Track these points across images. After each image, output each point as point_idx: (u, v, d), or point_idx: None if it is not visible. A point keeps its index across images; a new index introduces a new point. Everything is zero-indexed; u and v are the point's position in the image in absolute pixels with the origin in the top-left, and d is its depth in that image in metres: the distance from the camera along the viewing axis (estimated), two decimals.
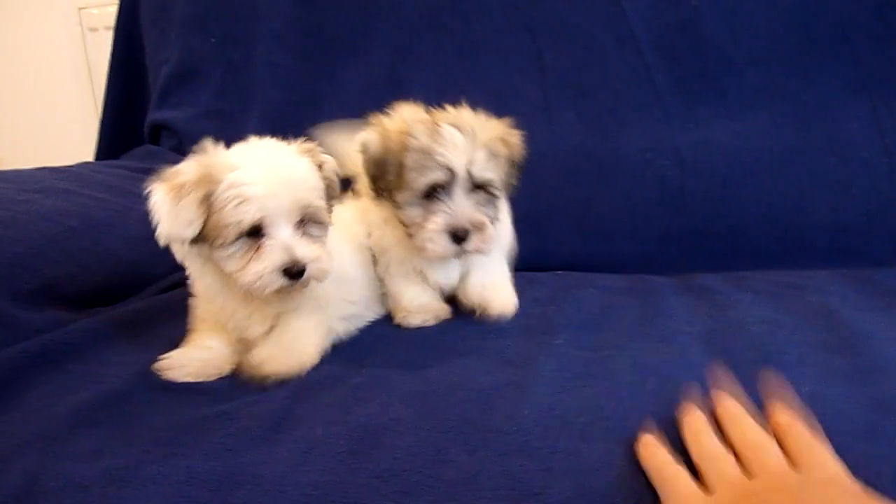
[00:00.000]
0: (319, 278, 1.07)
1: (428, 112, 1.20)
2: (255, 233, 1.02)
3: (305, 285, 1.06)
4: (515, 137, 1.23)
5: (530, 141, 1.66)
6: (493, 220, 1.18)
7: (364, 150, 1.19)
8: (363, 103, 1.79)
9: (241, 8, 1.92)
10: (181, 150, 1.95)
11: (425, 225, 1.14)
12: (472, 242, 1.13)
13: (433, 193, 1.13)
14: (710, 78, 1.64)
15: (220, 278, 1.09)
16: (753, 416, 0.80)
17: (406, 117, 1.18)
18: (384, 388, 0.99)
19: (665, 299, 1.34)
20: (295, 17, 1.88)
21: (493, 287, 1.28)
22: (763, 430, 0.79)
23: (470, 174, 1.12)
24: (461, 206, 1.12)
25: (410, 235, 1.18)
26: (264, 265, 1.01)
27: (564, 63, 1.71)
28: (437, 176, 1.11)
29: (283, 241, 1.02)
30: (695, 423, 0.83)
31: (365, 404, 0.94)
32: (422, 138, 1.12)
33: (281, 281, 1.02)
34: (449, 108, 1.20)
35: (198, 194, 0.99)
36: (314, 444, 0.86)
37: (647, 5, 1.66)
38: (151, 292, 1.46)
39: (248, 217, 0.99)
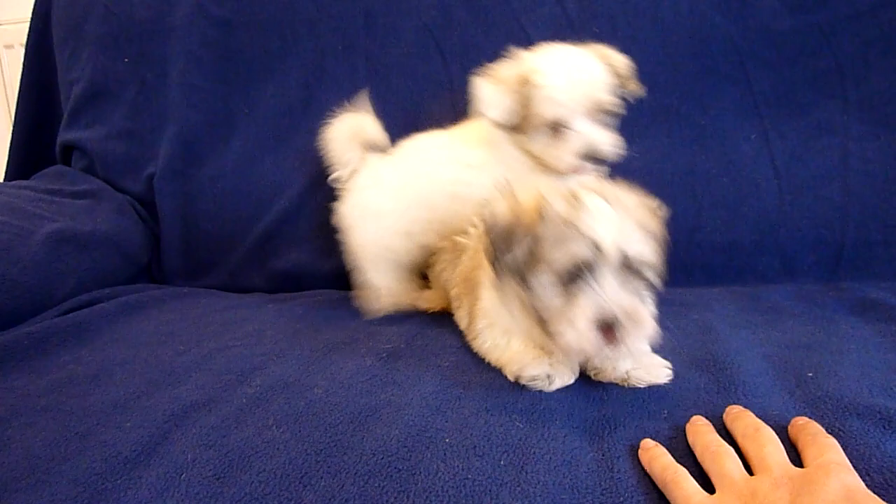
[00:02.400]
0: None
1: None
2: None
3: None
4: (661, 212, 1.04)
5: None
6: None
7: (489, 220, 1.02)
8: (279, 125, 1.84)
9: (155, 28, 1.90)
10: (92, 171, 1.92)
11: (568, 314, 0.92)
12: (626, 338, 0.90)
13: (576, 275, 0.92)
14: None
15: None
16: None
17: (540, 189, 0.99)
18: (267, 410, 1.00)
19: None
20: (211, 39, 1.87)
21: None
22: (766, 428, 0.82)
23: (622, 252, 0.91)
24: (612, 292, 0.91)
25: (543, 324, 0.98)
26: None
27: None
28: (581, 252, 0.91)
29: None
30: (699, 423, 0.87)
31: (244, 427, 0.95)
32: (561, 207, 0.94)
33: None
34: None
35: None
36: (183, 468, 0.85)
37: (551, 31, 1.71)
38: (50, 316, 1.43)
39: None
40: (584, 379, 1.06)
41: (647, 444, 0.84)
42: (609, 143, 1.29)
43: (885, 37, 1.62)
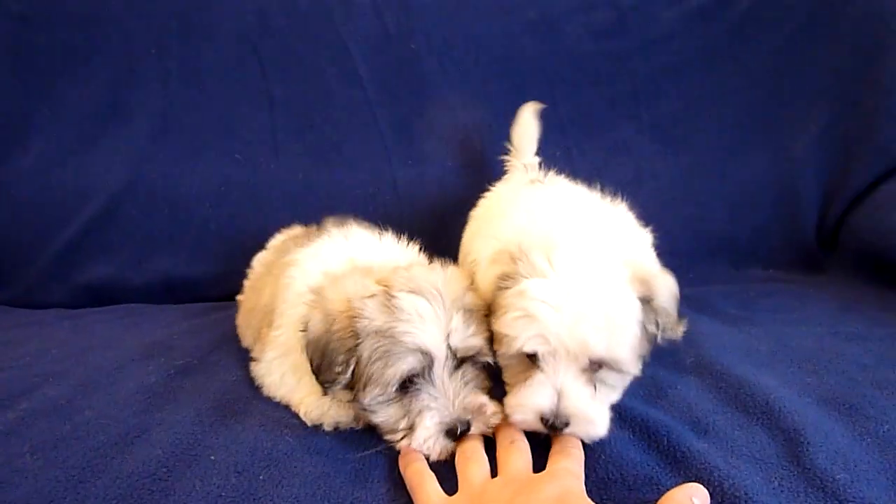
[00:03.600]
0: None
1: (375, 276, 0.94)
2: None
3: None
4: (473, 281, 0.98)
5: (256, 170, 1.71)
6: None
7: (304, 331, 0.92)
8: (84, 127, 1.73)
9: None
10: None
11: (415, 430, 0.87)
12: (475, 433, 0.89)
13: (408, 385, 0.87)
14: (427, 117, 1.75)
15: None
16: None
17: (350, 292, 0.90)
18: (26, 436, 0.94)
19: None
20: (7, 33, 1.73)
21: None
22: (522, 440, 0.86)
23: (452, 350, 0.87)
24: (451, 394, 0.87)
25: (389, 439, 0.90)
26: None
27: (292, 95, 1.75)
28: (409, 364, 0.85)
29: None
30: (472, 436, 0.89)
31: None
32: (377, 317, 0.86)
33: None
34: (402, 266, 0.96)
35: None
36: None
37: (369, 44, 1.75)
38: None
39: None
40: None
41: (406, 450, 0.87)
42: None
43: (674, 64, 1.79)
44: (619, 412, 0.95)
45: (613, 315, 0.86)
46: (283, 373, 1.05)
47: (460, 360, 0.89)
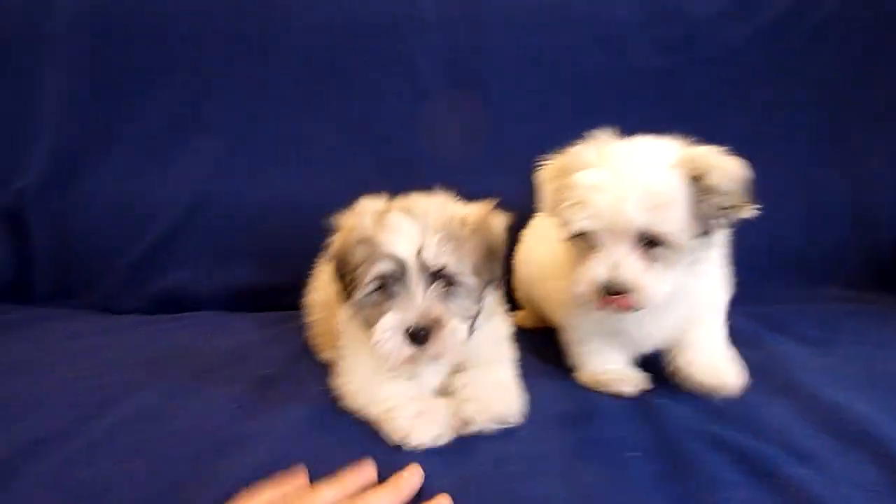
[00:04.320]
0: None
1: (389, 201, 1.07)
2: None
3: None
4: (493, 220, 1.07)
5: (327, 185, 1.74)
6: (466, 316, 1.01)
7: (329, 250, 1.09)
8: (162, 140, 1.79)
9: (26, 35, 1.80)
10: None
11: (377, 323, 0.96)
12: (432, 345, 0.96)
13: (385, 287, 0.98)
14: (496, 133, 1.76)
15: None
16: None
17: (359, 209, 1.06)
18: (123, 442, 0.97)
19: None
20: (87, 48, 1.79)
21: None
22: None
23: (422, 262, 0.96)
24: (417, 300, 0.96)
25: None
26: None
27: (361, 110, 1.77)
28: (383, 267, 0.97)
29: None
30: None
31: (95, 462, 0.92)
32: (367, 228, 1.00)
33: None
34: (413, 194, 1.07)
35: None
36: None
37: (437, 60, 1.76)
38: None
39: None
40: None
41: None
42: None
43: (743, 79, 1.77)
44: (714, 436, 0.95)
45: (655, 191, 0.97)
46: (360, 380, 1.07)
47: (433, 275, 0.97)
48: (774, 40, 1.78)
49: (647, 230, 0.97)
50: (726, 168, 1.01)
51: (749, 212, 1.03)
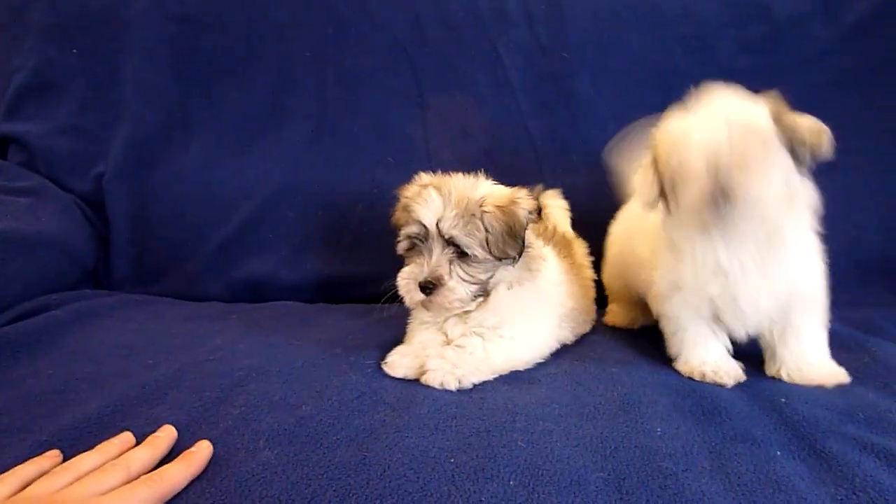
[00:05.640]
0: None
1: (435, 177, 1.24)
2: None
3: None
4: (516, 206, 1.19)
5: (408, 175, 1.73)
6: (471, 281, 1.18)
7: None
8: (242, 130, 1.79)
9: (108, 20, 1.81)
10: (32, 167, 1.79)
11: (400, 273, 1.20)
12: (436, 296, 1.16)
13: (415, 246, 1.19)
14: (577, 126, 1.75)
15: None
16: None
17: (414, 181, 1.27)
18: (256, 430, 0.96)
19: None
20: (169, 36, 1.80)
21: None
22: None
23: (440, 230, 1.15)
24: (433, 260, 1.16)
25: None
26: None
27: (445, 103, 1.77)
28: (411, 229, 1.18)
29: None
30: None
31: (235, 451, 0.91)
32: (409, 198, 1.21)
33: None
34: (457, 175, 1.22)
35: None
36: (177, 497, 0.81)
37: (521, 54, 1.76)
38: None
39: None
40: (576, 397, 1.09)
41: None
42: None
43: (828, 81, 1.76)
44: (857, 438, 0.94)
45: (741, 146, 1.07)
46: None
47: (447, 242, 1.15)
48: (861, 43, 1.77)
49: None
50: (809, 122, 1.15)
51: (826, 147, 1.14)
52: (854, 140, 1.76)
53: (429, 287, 1.16)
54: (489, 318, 1.23)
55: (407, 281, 1.19)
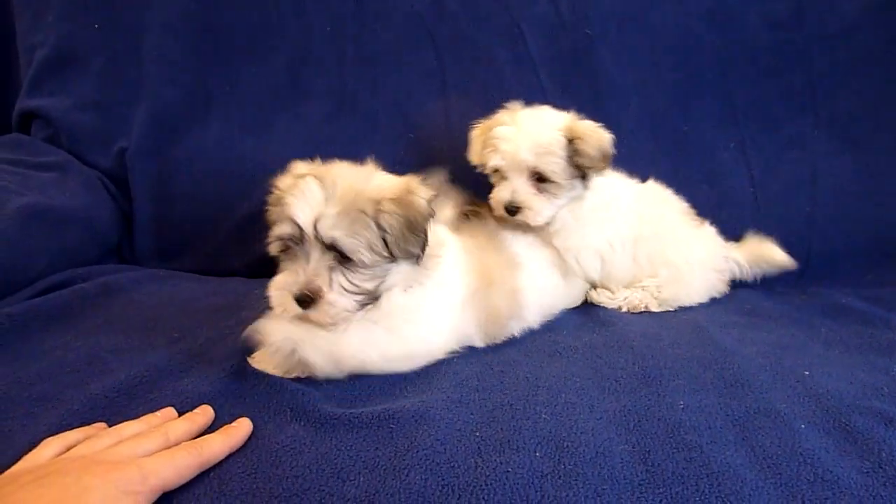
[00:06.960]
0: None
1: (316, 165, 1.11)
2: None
3: None
4: (414, 196, 1.06)
5: (429, 152, 1.73)
6: (356, 291, 1.02)
7: None
8: (262, 105, 1.79)
9: None
10: (56, 142, 1.80)
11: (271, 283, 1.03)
12: (314, 312, 1.00)
13: (284, 249, 1.03)
14: (599, 103, 1.73)
15: None
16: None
17: (289, 170, 1.11)
18: (277, 403, 0.97)
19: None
20: (189, 11, 1.79)
21: None
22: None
23: (318, 231, 0.98)
24: (309, 268, 0.99)
25: None
26: None
27: (465, 78, 1.76)
28: (283, 229, 1.01)
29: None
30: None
31: (263, 424, 0.92)
32: (283, 191, 1.04)
33: None
34: (343, 163, 1.10)
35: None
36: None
37: (542, 29, 1.74)
38: (25, 296, 1.34)
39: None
40: (596, 370, 1.09)
41: None
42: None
43: (855, 59, 1.73)
44: (880, 413, 0.94)
45: (541, 143, 1.36)
46: None
47: (327, 246, 0.98)
48: (888, 19, 1.73)
49: (537, 169, 1.36)
50: (595, 137, 1.38)
51: (603, 172, 1.43)
52: (879, 118, 1.75)
53: (305, 301, 0.99)
54: (375, 316, 1.07)
55: (279, 292, 1.01)
